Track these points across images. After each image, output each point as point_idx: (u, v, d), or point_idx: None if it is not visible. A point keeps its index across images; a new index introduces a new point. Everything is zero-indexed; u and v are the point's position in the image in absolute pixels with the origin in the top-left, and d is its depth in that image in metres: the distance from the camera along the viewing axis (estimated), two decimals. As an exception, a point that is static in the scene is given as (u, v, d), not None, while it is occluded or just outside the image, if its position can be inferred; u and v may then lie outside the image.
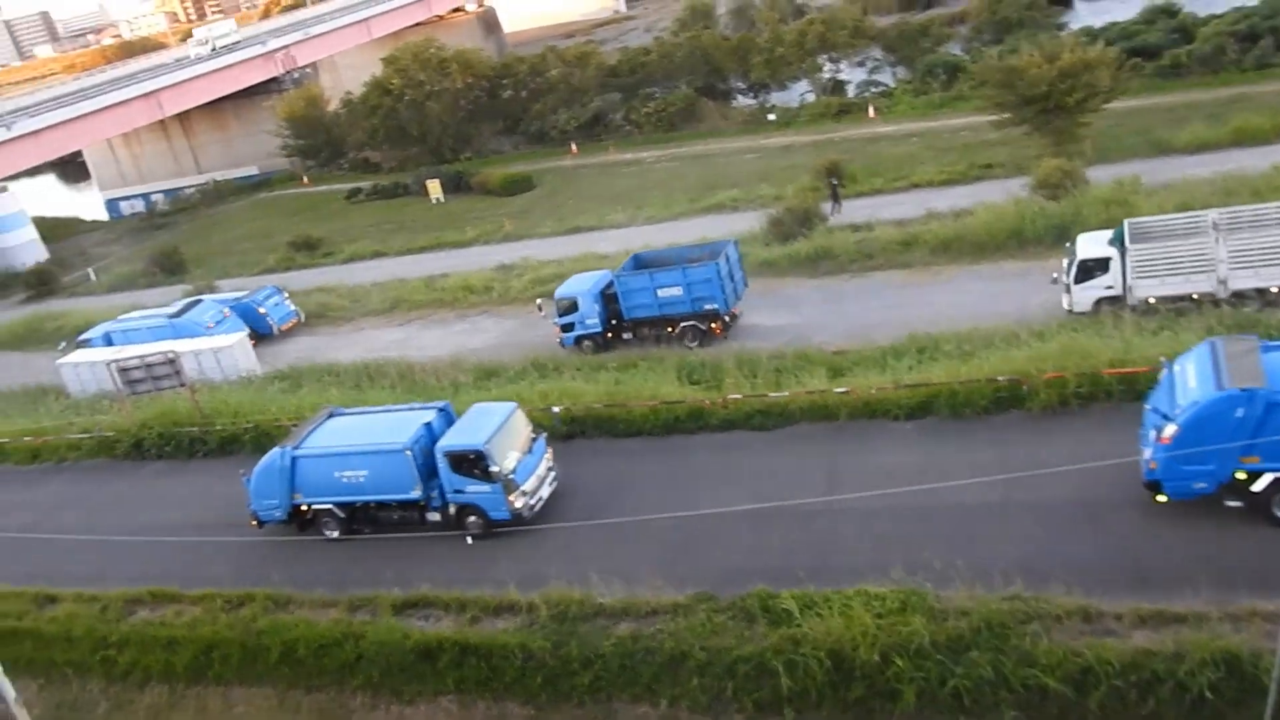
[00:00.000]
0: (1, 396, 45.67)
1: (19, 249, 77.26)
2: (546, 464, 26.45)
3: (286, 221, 76.61)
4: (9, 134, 77.39)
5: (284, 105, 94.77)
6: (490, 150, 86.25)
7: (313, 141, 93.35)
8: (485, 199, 71.36)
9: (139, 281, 66.11)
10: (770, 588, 20.42)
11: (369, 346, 44.33)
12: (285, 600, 24.00)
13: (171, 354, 37.11)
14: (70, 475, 34.67)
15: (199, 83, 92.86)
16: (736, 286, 37.91)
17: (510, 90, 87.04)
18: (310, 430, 27.73)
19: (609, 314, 38.22)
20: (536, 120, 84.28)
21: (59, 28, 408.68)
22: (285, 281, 57.79)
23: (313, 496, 26.76)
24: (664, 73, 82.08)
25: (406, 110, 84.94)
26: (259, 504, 27.30)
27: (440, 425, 26.47)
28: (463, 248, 58.96)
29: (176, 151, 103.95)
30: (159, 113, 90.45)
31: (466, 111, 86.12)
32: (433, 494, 25.73)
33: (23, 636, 24.41)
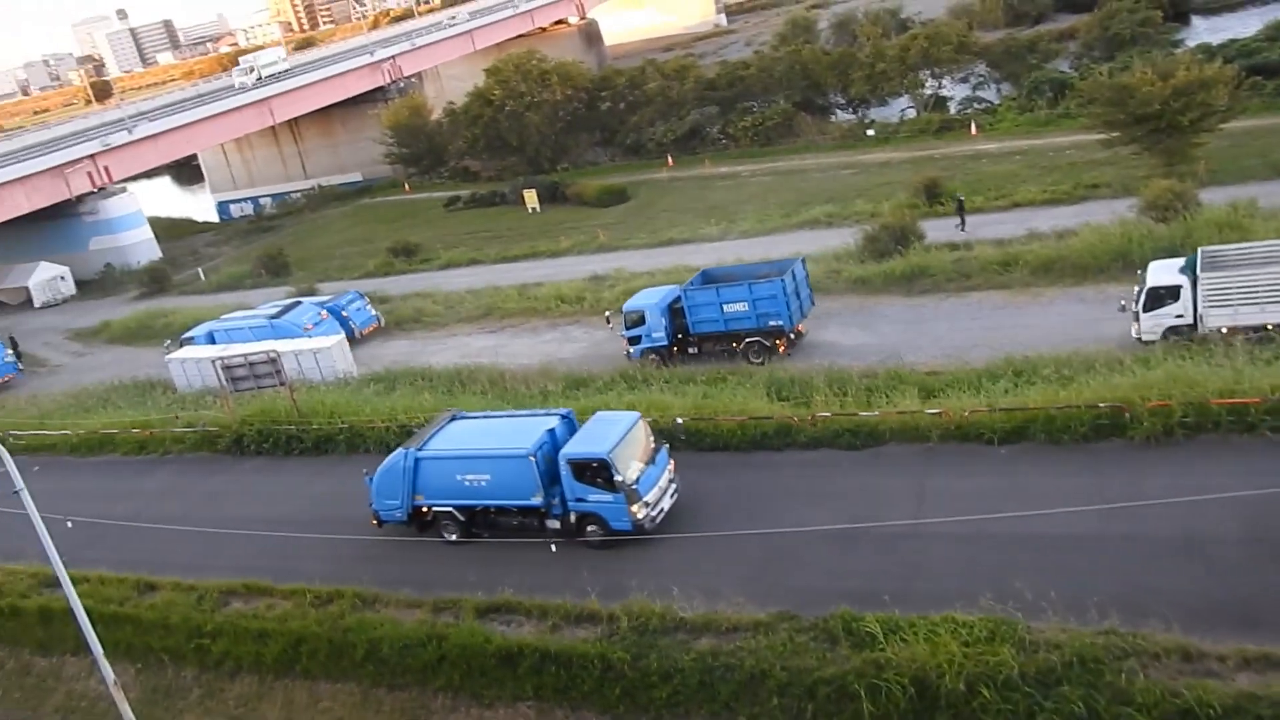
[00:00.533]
0: (113, 389, 47.48)
1: (135, 247, 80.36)
2: (668, 475, 26.11)
3: (387, 227, 78.33)
4: (130, 137, 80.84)
5: (389, 114, 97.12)
6: (586, 161, 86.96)
7: (415, 149, 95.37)
8: (580, 209, 71.96)
9: (245, 282, 68.23)
10: (854, 610, 20.08)
11: (462, 352, 44.99)
12: (372, 599, 24.42)
13: (273, 353, 38.25)
14: (174, 467, 35.87)
15: (308, 91, 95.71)
16: (802, 304, 38.24)
17: (608, 102, 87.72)
18: (433, 433, 27.87)
19: (675, 328, 38.75)
20: (633, 132, 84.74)
21: (180, 35, 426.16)
22: (383, 286, 59.17)
23: (434, 499, 26.88)
24: (762, 86, 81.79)
25: (506, 120, 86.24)
26: (380, 503, 27.51)
27: (563, 432, 26.36)
28: (556, 257, 59.48)
29: (285, 157, 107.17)
30: (270, 119, 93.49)
31: (565, 122, 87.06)
32: (553, 501, 25.55)
33: (123, 621, 25.27)
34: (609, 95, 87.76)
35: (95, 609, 23.56)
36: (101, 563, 27.75)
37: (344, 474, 32.11)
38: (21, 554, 28.28)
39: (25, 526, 19.51)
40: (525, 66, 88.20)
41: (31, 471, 26.61)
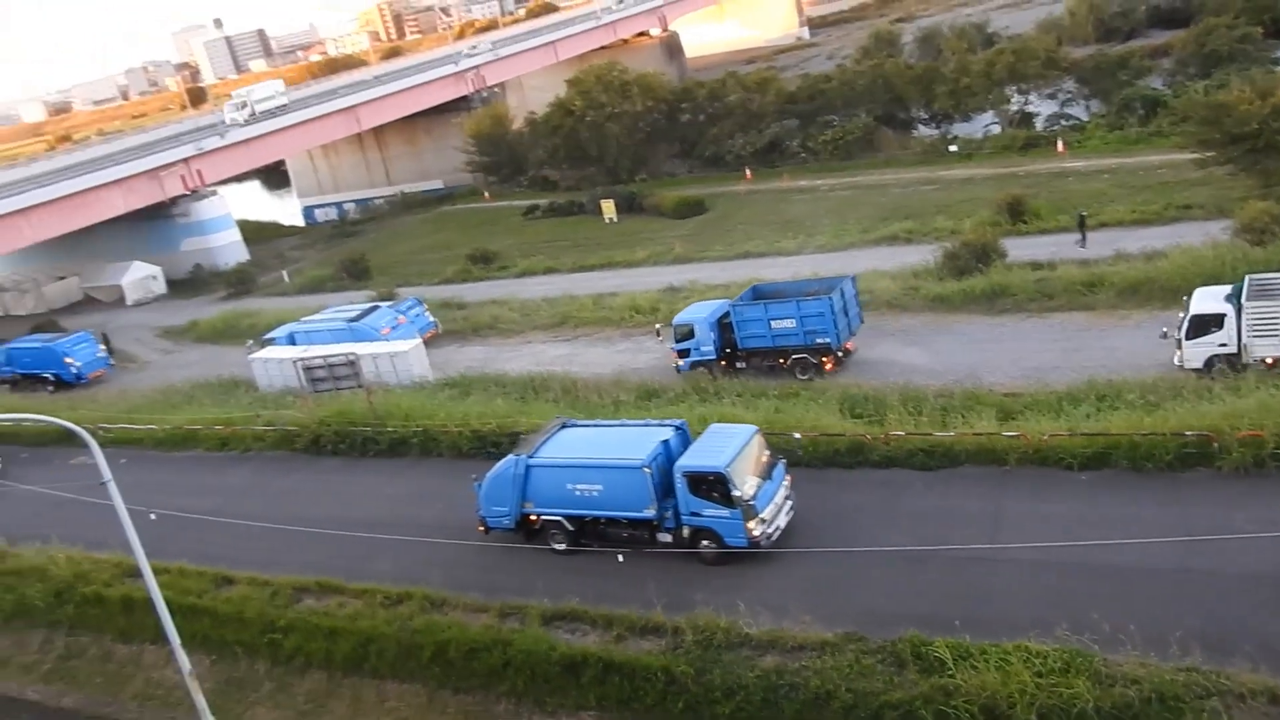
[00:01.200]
0: (198, 386, 48.81)
1: (224, 249, 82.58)
2: (785, 491, 25.52)
3: (466, 234, 79.36)
4: (222, 141, 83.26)
5: (471, 123, 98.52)
6: (665, 173, 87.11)
7: (496, 158, 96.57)
8: (657, 220, 72.10)
9: (327, 285, 69.65)
10: (923, 633, 19.73)
11: (536, 359, 45.35)
12: (440, 601, 24.70)
13: (352, 356, 38.99)
14: (254, 464, 36.72)
15: (394, 100, 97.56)
16: (851, 322, 38.29)
17: (688, 114, 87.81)
18: (544, 440, 27.47)
19: (724, 342, 38.97)
20: (712, 144, 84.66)
21: (273, 44, 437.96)
22: (461, 293, 59.94)
23: (543, 507, 26.57)
24: (844, 100, 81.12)
25: (587, 131, 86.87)
26: (488, 510, 27.32)
27: (677, 444, 25.90)
28: (632, 268, 59.65)
29: (369, 163, 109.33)
30: (356, 127, 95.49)
31: (644, 134, 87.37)
32: (666, 515, 25.06)
33: (201, 613, 25.90)
34: (689, 107, 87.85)
35: (174, 600, 24.19)
36: (182, 555, 28.51)
37: (417, 476, 32.66)
38: (106, 544, 29.12)
39: (111, 517, 20.12)
40: (606, 77, 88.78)
41: (119, 464, 27.56)
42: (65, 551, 30.07)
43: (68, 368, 54.84)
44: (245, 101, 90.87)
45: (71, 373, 54.83)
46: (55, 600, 28.29)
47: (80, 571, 28.90)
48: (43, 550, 30.51)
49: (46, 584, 28.77)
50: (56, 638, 27.68)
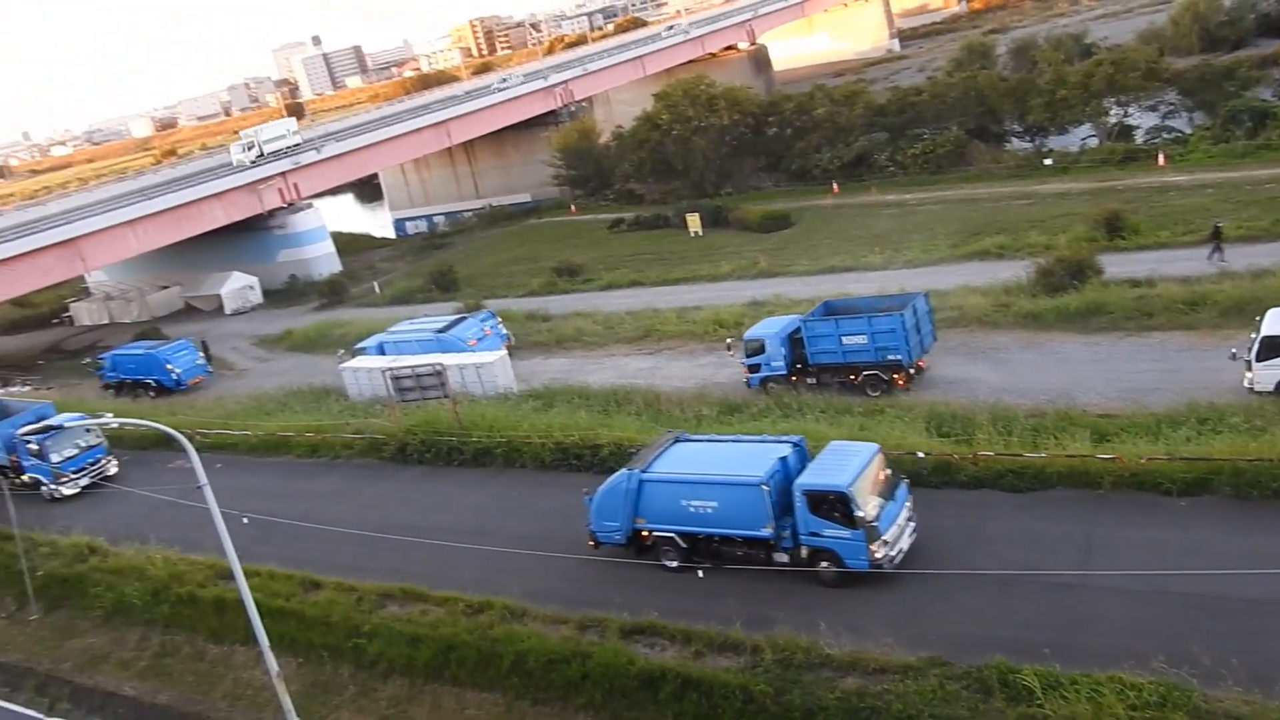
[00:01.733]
0: (291, 394, 50.05)
1: (318, 260, 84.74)
2: (907, 512, 24.79)
3: (552, 247, 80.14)
4: (319, 156, 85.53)
5: (559, 137, 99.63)
6: (750, 186, 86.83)
7: (583, 172, 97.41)
8: (742, 234, 71.87)
9: (416, 296, 70.93)
10: (1010, 661, 19.21)
11: (619, 372, 45.49)
12: (521, 611, 24.85)
13: (439, 366, 39.65)
14: (342, 471, 37.50)
15: (485, 114, 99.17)
16: (924, 339, 37.95)
17: (775, 127, 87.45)
18: (657, 454, 26.99)
19: (794, 358, 38.89)
20: (799, 158, 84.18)
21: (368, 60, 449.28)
22: (546, 305, 60.51)
23: (656, 523, 26.14)
24: (934, 113, 79.95)
25: (673, 145, 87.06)
26: (599, 524, 26.97)
27: (795, 461, 25.37)
28: (717, 281, 59.52)
29: (459, 177, 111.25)
30: (447, 141, 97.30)
31: (730, 147, 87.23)
32: (784, 534, 24.44)
33: (289, 616, 26.48)
34: (776, 120, 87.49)
35: (264, 603, 24.77)
36: (272, 559, 29.21)
37: (499, 487, 32.99)
38: (201, 545, 30.03)
39: (206, 520, 20.74)
40: (693, 91, 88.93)
41: (214, 469, 28.43)
42: (162, 552, 31.04)
43: (168, 374, 56.71)
44: (253, 142, 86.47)
45: (172, 379, 56.68)
46: (152, 599, 29.20)
47: (176, 572, 29.80)
48: (141, 550, 31.56)
49: (144, 583, 29.72)
50: (153, 635, 28.55)
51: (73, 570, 31.67)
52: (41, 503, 39.32)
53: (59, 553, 32.74)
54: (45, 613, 31.04)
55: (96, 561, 31.77)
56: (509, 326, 55.08)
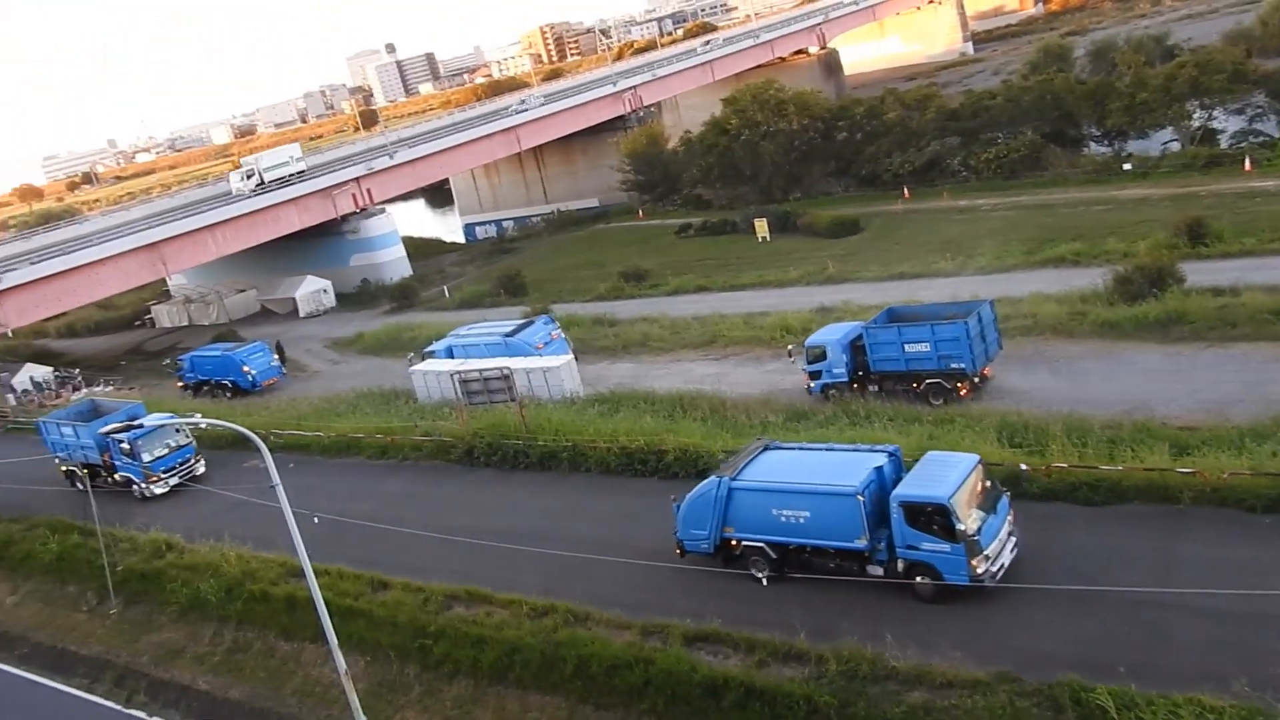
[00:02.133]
0: (361, 396, 50.89)
1: (390, 265, 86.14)
2: (1009, 526, 23.82)
3: (619, 252, 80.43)
4: (391, 162, 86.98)
5: (627, 142, 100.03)
6: (819, 191, 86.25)
7: (650, 177, 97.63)
8: (810, 240, 71.43)
9: (485, 301, 71.69)
10: (1083, 679, 18.74)
11: (685, 378, 45.45)
12: (584, 616, 24.92)
13: (506, 370, 39.98)
14: (411, 473, 37.98)
15: (553, 120, 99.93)
16: (988, 348, 37.45)
17: (845, 132, 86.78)
18: (747, 462, 26.46)
19: (856, 365, 38.70)
20: (869, 163, 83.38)
21: (440, 67, 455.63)
22: (613, 310, 60.72)
23: (745, 532, 25.51)
24: (1009, 117, 78.62)
25: (741, 149, 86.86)
26: (686, 533, 26.45)
27: (891, 471, 24.64)
28: (784, 287, 59.20)
29: (528, 182, 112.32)
30: (516, 147, 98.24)
31: (799, 152, 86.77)
32: (879, 546, 23.71)
33: (357, 615, 26.89)
34: (846, 125, 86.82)
35: (333, 601, 25.20)
36: (341, 558, 29.67)
37: (565, 491, 33.14)
38: (273, 544, 30.67)
39: (278, 519, 21.16)
40: (762, 96, 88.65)
41: (287, 469, 28.98)
42: (236, 550, 31.75)
43: (245, 375, 58.07)
44: (253, 170, 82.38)
45: (248, 380, 58.03)
46: (226, 596, 29.86)
47: (249, 569, 30.45)
48: (216, 547, 32.32)
49: (219, 580, 30.40)
50: (226, 631, 29.19)
51: (151, 566, 32.52)
52: (125, 500, 40.39)
53: (138, 549, 33.66)
54: (125, 607, 31.92)
55: (173, 558, 32.59)
56: (576, 331, 55.41)
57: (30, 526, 37.58)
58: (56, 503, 39.03)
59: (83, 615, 32.37)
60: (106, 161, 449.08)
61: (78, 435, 42.24)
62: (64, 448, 43.33)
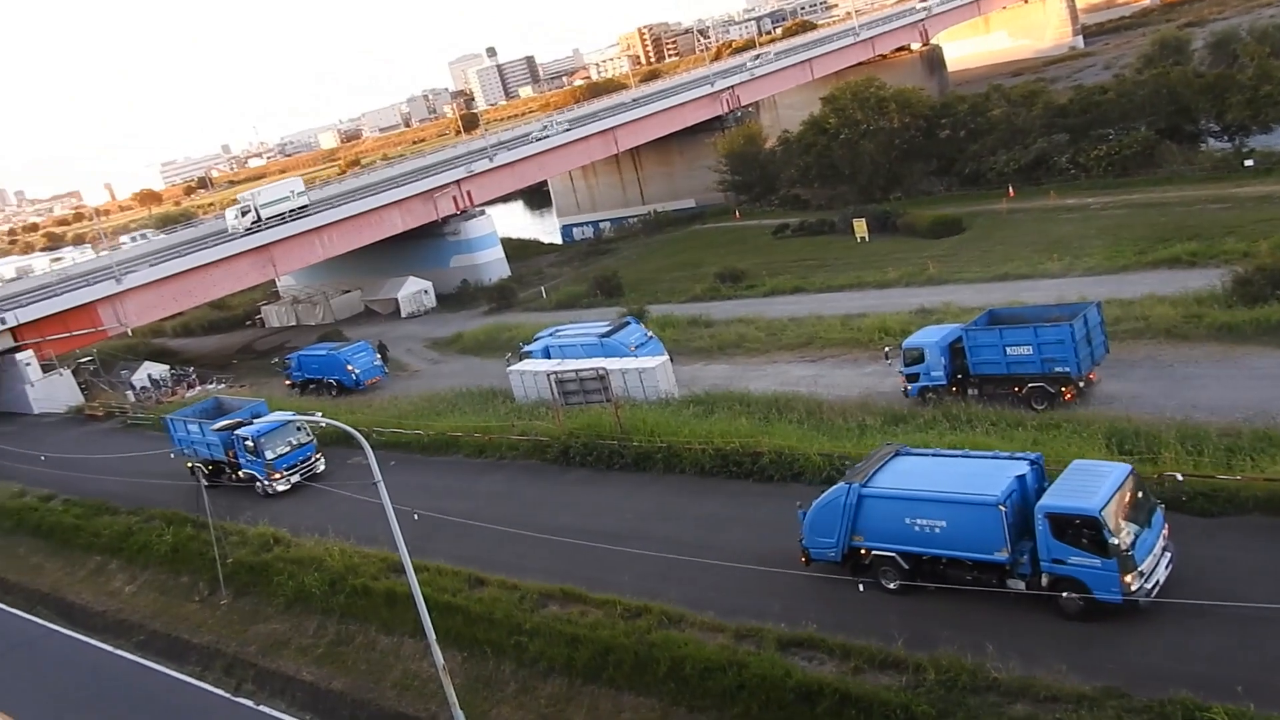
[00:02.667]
0: (460, 395, 51.77)
1: (489, 266, 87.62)
2: (1163, 540, 22.54)
3: (715, 253, 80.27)
4: (490, 164, 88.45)
5: (725, 142, 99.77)
6: (920, 191, 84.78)
7: (747, 177, 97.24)
8: (910, 240, 70.26)
9: (581, 301, 72.30)
10: (1196, 697, 18.03)
11: (780, 379, 45.14)
12: (678, 617, 24.91)
13: (603, 370, 40.25)
14: (507, 472, 38.47)
15: (651, 121, 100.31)
16: (1094, 351, 36.43)
17: (947, 130, 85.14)
18: (878, 468, 25.59)
19: (955, 368, 38.02)
20: (972, 161, 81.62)
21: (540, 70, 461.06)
22: (709, 310, 60.64)
23: (876, 541, 24.62)
24: (1120, 113, 76.08)
25: (840, 149, 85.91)
26: (813, 540, 25.67)
27: (1033, 480, 23.62)
28: (883, 288, 58.43)
29: (625, 183, 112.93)
30: (614, 148, 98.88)
31: (900, 151, 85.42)
32: (1021, 559, 22.63)
33: (455, 611, 27.34)
34: (949, 122, 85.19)
35: (432, 597, 25.72)
36: (440, 554, 30.25)
37: (659, 492, 33.18)
38: (375, 539, 31.41)
39: (379, 515, 21.67)
40: (862, 94, 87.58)
41: (388, 466, 29.60)
42: (340, 544, 32.57)
43: (348, 374, 59.65)
44: (249, 207, 76.30)
45: (351, 379, 59.59)
46: (330, 589, 30.68)
47: (351, 564, 31.22)
48: (320, 542, 33.20)
49: (323, 573, 31.24)
50: (329, 624, 29.99)
51: (259, 559, 33.60)
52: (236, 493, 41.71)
53: (247, 542, 34.81)
54: (234, 598, 33.05)
55: (280, 551, 33.61)
56: (671, 332, 55.53)
57: (147, 519, 39.11)
58: (172, 496, 40.52)
59: (195, 605, 33.61)
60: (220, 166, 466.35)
61: (203, 432, 42.71)
62: (190, 444, 43.99)
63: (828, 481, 30.23)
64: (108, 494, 42.57)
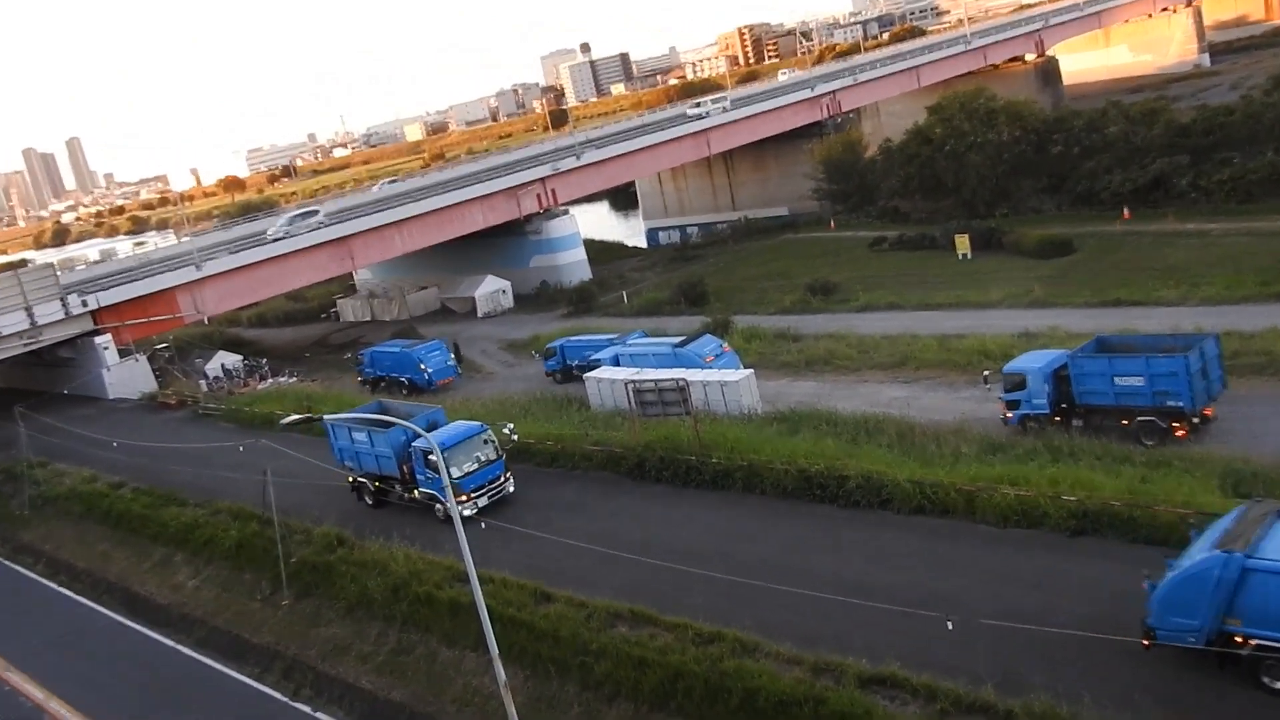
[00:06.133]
0: (534, 401, 52.03)
1: (570, 267, 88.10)
2: None
3: (806, 264, 79.64)
4: (577, 162, 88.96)
5: (822, 149, 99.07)
6: (1028, 208, 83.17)
7: (844, 186, 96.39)
8: (1015, 259, 68.92)
9: (664, 309, 72.25)
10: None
11: (870, 400, 44.49)
12: (753, 646, 24.50)
13: (683, 382, 40.03)
14: (579, 483, 38.44)
15: (745, 124, 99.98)
16: (1210, 386, 35.42)
17: (1060, 145, 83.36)
18: (1262, 533, 21.22)
19: (1059, 396, 37.18)
20: (1085, 180, 79.78)
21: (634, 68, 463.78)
22: (798, 324, 60.11)
23: (1263, 629, 20.21)
24: (1247, 135, 73.73)
25: (945, 160, 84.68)
26: (1164, 620, 21.22)
27: None
28: (984, 309, 57.42)
29: (716, 188, 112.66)
30: (706, 150, 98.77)
31: (1009, 165, 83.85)
32: None
33: (520, 627, 27.31)
34: (1062, 138, 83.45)
35: (496, 610, 25.76)
36: (506, 565, 30.27)
37: (738, 512, 32.82)
38: (440, 546, 31.69)
39: (445, 521, 21.71)
40: (971, 104, 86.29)
41: (457, 470, 29.75)
42: (404, 550, 32.82)
43: (421, 373, 60.40)
44: None
45: (424, 378, 60.32)
46: (392, 595, 30.90)
47: (415, 570, 31.40)
48: (385, 546, 33.49)
49: (385, 579, 31.47)
50: (391, 632, 30.21)
51: (322, 559, 33.99)
52: (297, 490, 42.21)
53: (311, 541, 35.25)
54: (296, 599, 33.51)
55: (343, 553, 33.94)
56: (757, 345, 55.15)
57: (214, 512, 39.87)
58: (240, 489, 41.14)
59: (257, 604, 34.17)
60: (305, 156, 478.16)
61: (372, 442, 37.71)
62: (353, 455, 39.00)
63: (917, 511, 29.72)
64: (176, 484, 43.62)
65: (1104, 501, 27.34)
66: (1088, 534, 26.93)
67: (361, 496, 39.16)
